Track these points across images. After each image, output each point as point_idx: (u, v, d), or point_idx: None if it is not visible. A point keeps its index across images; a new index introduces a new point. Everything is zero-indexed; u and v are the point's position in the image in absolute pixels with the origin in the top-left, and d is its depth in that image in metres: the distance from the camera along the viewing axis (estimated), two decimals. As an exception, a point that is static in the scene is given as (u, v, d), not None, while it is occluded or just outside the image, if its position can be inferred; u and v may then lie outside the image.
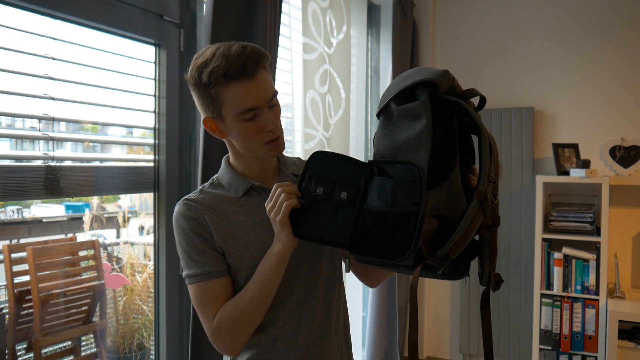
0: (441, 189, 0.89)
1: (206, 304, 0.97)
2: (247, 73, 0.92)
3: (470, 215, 0.85)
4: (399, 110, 0.94)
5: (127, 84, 1.49)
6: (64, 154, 1.43)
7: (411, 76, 0.94)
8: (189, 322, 1.51)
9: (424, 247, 0.84)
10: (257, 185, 1.04)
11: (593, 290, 2.61)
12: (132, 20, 1.46)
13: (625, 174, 2.75)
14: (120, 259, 2.62)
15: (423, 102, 0.90)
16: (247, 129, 0.96)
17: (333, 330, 1.08)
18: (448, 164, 0.90)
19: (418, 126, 0.90)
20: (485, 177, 0.87)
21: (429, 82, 0.90)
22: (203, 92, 0.94)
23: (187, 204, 1.01)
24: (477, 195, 0.86)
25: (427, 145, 0.88)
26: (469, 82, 3.25)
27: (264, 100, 0.95)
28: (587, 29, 2.95)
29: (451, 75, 0.93)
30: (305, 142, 2.14)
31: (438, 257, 0.84)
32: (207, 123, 1.00)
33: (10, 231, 2.31)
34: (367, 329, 2.89)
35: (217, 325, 0.96)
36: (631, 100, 2.85)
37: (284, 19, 1.96)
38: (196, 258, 0.98)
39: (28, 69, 1.22)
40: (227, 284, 0.99)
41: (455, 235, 0.84)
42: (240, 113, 0.94)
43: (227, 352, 0.99)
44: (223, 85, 0.92)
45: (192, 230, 0.98)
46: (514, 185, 3.04)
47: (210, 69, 0.91)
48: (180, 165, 1.64)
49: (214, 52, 0.93)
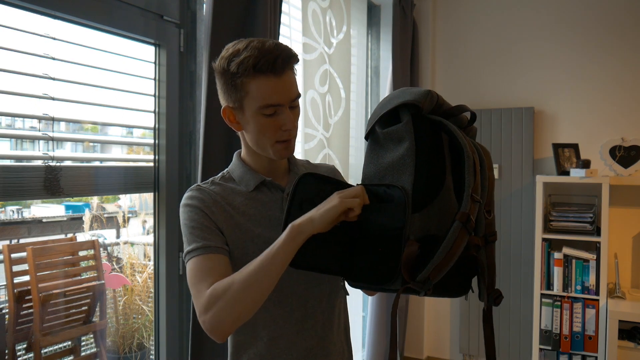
0: (431, 209, 0.89)
1: (203, 276, 0.90)
2: (276, 69, 0.92)
3: (451, 239, 0.84)
4: (384, 134, 0.95)
5: (127, 84, 1.49)
6: (64, 154, 1.43)
7: (394, 98, 0.95)
8: (189, 322, 1.51)
9: (404, 271, 0.83)
10: (268, 181, 1.04)
11: (593, 290, 2.61)
12: (132, 20, 1.46)
13: (625, 174, 2.75)
14: (120, 259, 2.62)
15: (405, 124, 0.91)
16: (265, 124, 0.96)
17: (335, 332, 1.08)
18: (435, 184, 0.90)
19: (402, 149, 0.91)
20: (468, 198, 0.87)
21: (411, 104, 0.91)
22: (229, 80, 0.95)
23: (200, 189, 1.01)
24: (459, 217, 0.85)
25: (410, 168, 0.89)
26: (469, 82, 3.26)
27: (287, 99, 0.95)
28: (587, 29, 2.95)
29: (435, 94, 0.93)
30: (305, 142, 2.14)
31: (418, 281, 0.83)
32: (226, 112, 1.00)
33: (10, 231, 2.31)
34: (367, 329, 2.89)
35: (207, 298, 0.86)
36: (631, 100, 2.85)
37: (284, 19, 1.97)
38: (198, 233, 0.96)
39: (28, 69, 1.22)
40: (226, 262, 0.94)
41: (435, 259, 0.83)
42: (261, 107, 0.94)
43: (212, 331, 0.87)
44: (251, 76, 0.92)
45: (199, 209, 0.98)
46: (514, 185, 3.04)
47: (241, 59, 0.92)
48: (180, 165, 1.64)
49: (247, 44, 0.94)
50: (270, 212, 1.02)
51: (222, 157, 1.52)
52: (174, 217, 1.61)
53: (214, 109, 1.46)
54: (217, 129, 1.49)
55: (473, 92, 3.25)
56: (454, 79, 3.32)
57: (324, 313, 1.05)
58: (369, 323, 2.88)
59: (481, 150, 0.95)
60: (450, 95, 3.30)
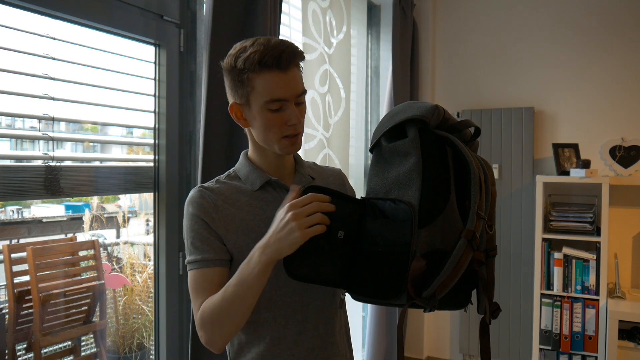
0: (436, 224, 0.89)
1: (198, 292, 0.96)
2: (281, 65, 0.93)
3: (457, 256, 0.85)
4: (390, 148, 0.95)
5: (127, 84, 1.49)
6: (64, 154, 1.43)
7: (401, 112, 0.95)
8: (189, 322, 1.51)
9: (410, 287, 0.83)
10: (274, 181, 1.04)
11: (593, 290, 2.61)
12: (132, 20, 1.46)
13: (625, 174, 2.75)
14: (120, 259, 2.62)
15: (412, 139, 0.91)
16: (271, 119, 0.96)
17: (337, 332, 1.08)
18: (441, 199, 0.90)
19: (408, 164, 0.91)
20: (473, 216, 0.87)
21: (417, 119, 0.91)
22: (236, 76, 0.96)
23: (201, 191, 1.01)
24: (465, 235, 0.86)
25: (417, 183, 0.89)
26: (469, 82, 3.26)
27: (292, 94, 0.96)
28: (587, 29, 2.95)
29: (441, 109, 0.94)
30: (305, 142, 2.14)
31: (424, 297, 0.84)
32: (233, 109, 1.01)
33: (10, 231, 2.31)
34: (367, 329, 2.89)
35: (199, 316, 0.94)
36: (631, 100, 2.85)
37: (284, 19, 1.97)
38: (198, 244, 0.98)
39: (28, 69, 1.22)
40: (223, 274, 0.97)
41: (441, 276, 0.84)
42: (267, 102, 0.95)
43: (207, 345, 0.95)
44: (257, 71, 0.93)
45: (199, 217, 0.98)
46: (514, 185, 3.04)
47: (247, 54, 0.93)
48: (180, 165, 1.64)
49: (254, 42, 0.95)
50: (275, 211, 1.02)
51: (222, 157, 1.52)
52: (174, 217, 1.61)
53: (214, 109, 1.46)
54: (217, 129, 1.49)
55: (473, 92, 3.25)
56: (454, 78, 3.32)
57: (326, 314, 1.05)
58: (369, 323, 2.88)
59: (484, 165, 0.96)
60: (451, 95, 3.31)
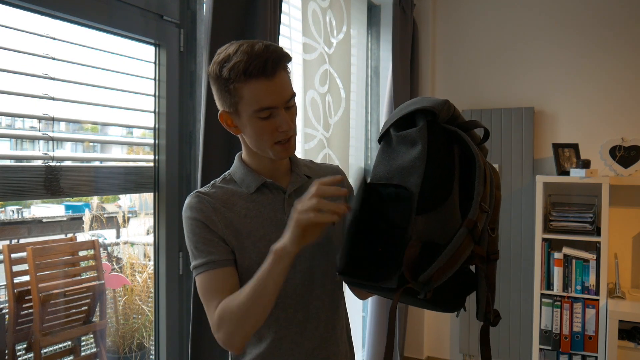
0: (436, 216, 0.88)
1: (211, 294, 0.95)
2: (267, 72, 0.92)
3: (456, 242, 0.84)
4: (397, 137, 0.95)
5: (127, 84, 1.49)
6: (64, 154, 1.43)
7: (411, 104, 0.95)
8: (189, 322, 1.51)
9: (406, 271, 0.83)
10: (270, 183, 1.04)
11: (593, 290, 2.61)
12: (132, 20, 1.46)
13: (625, 174, 2.75)
14: (120, 259, 2.62)
15: (420, 128, 0.91)
16: (261, 127, 0.96)
17: (338, 333, 1.08)
18: (443, 190, 0.90)
19: (414, 152, 0.91)
20: (476, 206, 0.87)
21: (428, 110, 0.91)
22: (222, 86, 0.95)
23: (198, 196, 1.01)
24: (467, 224, 0.85)
25: (420, 170, 0.89)
26: (469, 82, 3.26)
27: (281, 100, 0.95)
28: (587, 29, 2.95)
29: (452, 105, 0.94)
30: (305, 142, 2.14)
31: (420, 281, 0.83)
32: (223, 117, 1.01)
33: (10, 231, 2.31)
34: (367, 329, 2.89)
35: (217, 318, 0.93)
36: (631, 100, 2.85)
37: (284, 19, 1.96)
38: (202, 248, 0.97)
39: (28, 69, 1.22)
40: (233, 273, 0.98)
41: (439, 261, 0.83)
42: (256, 111, 0.94)
43: (225, 346, 0.95)
44: (243, 81, 0.92)
45: (199, 220, 0.98)
46: (514, 185, 3.04)
47: (231, 64, 0.92)
48: (180, 165, 1.64)
49: (237, 49, 0.94)
50: (272, 213, 1.02)
51: (222, 157, 1.52)
52: (174, 217, 1.61)
53: (214, 109, 1.45)
54: (217, 129, 1.49)
55: (473, 92, 3.25)
56: (454, 78, 3.32)
57: (327, 314, 1.05)
58: (369, 323, 2.88)
59: (492, 168, 0.95)
60: (451, 95, 3.30)
